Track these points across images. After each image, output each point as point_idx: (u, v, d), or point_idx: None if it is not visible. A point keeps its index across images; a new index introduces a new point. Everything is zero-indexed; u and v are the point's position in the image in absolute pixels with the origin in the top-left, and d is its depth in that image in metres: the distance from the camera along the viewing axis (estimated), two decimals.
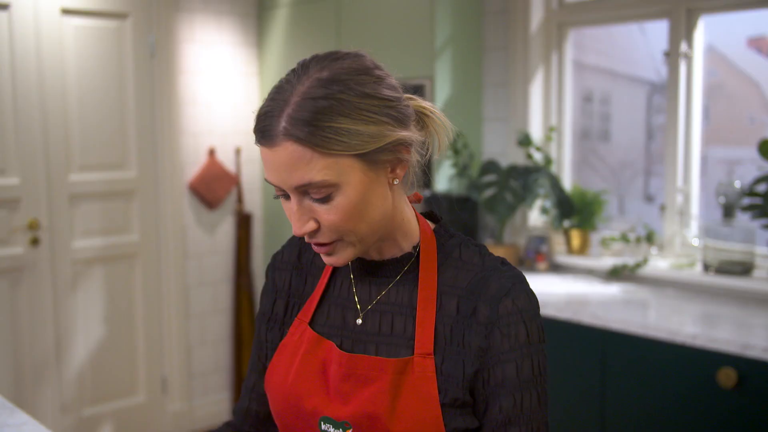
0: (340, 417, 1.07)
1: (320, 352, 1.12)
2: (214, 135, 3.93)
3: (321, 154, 0.97)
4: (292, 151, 0.97)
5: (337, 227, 1.02)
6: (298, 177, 0.98)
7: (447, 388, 1.05)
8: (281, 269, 1.24)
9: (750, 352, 2.15)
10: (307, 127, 0.96)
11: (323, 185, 0.98)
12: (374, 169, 1.01)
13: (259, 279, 4.18)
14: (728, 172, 3.58)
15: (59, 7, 3.38)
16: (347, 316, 1.14)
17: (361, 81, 1.00)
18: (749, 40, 3.78)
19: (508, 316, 1.05)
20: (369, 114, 0.99)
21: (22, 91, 3.30)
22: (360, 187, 1.00)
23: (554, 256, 3.27)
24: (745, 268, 2.74)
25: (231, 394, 4.09)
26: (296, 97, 0.98)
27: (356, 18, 3.48)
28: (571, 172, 3.46)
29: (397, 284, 1.12)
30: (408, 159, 1.05)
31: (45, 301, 3.43)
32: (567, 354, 2.57)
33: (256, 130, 1.02)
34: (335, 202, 1.00)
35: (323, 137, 0.96)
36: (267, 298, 1.25)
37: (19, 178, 3.33)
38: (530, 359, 1.06)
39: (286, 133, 0.97)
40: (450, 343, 1.07)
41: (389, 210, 1.07)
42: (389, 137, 1.00)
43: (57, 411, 3.49)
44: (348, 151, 0.97)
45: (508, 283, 1.07)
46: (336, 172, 0.98)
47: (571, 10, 3.29)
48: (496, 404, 1.05)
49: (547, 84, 3.37)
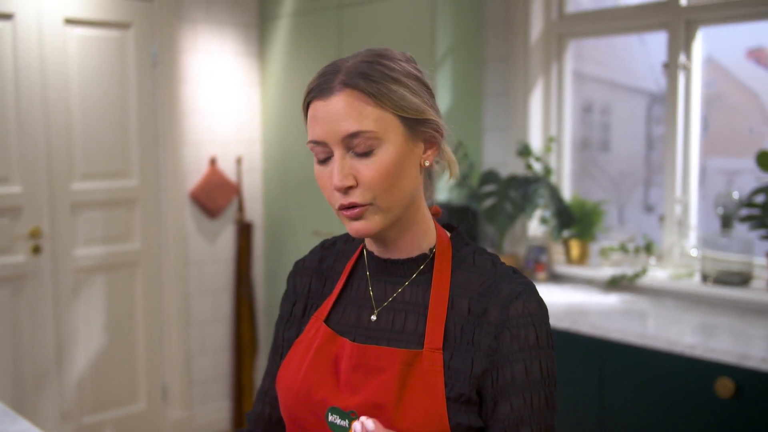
0: (348, 407, 1.09)
1: (333, 347, 1.15)
2: (216, 144, 3.95)
3: (374, 105, 1.05)
4: (349, 97, 1.05)
5: (374, 185, 1.07)
6: (350, 125, 1.05)
7: (453, 383, 1.07)
8: (302, 275, 1.28)
9: (748, 363, 2.16)
10: (364, 80, 1.06)
11: (371, 136, 1.06)
12: (412, 139, 1.10)
13: (260, 288, 4.19)
14: (727, 183, 3.59)
15: (62, 17, 3.40)
16: (362, 314, 1.18)
17: (407, 65, 1.12)
18: (748, 52, 3.79)
19: (518, 318, 1.08)
20: (414, 89, 1.09)
21: (25, 100, 3.33)
22: (399, 150, 1.08)
23: (553, 266, 3.28)
24: (744, 279, 2.75)
25: (231, 403, 4.10)
26: (352, 62, 1.09)
27: (358, 28, 3.50)
28: (571, 182, 3.47)
29: (411, 284, 1.16)
30: (440, 143, 1.13)
31: (46, 309, 3.44)
32: (566, 363, 2.57)
33: (312, 88, 1.10)
34: (377, 158, 1.06)
35: (378, 89, 1.06)
36: (287, 303, 1.29)
37: (22, 187, 3.35)
38: (539, 361, 1.08)
39: (344, 82, 1.06)
40: (460, 341, 1.09)
41: (416, 192, 1.13)
42: (429, 114, 1.10)
43: (57, 419, 3.49)
44: (396, 110, 1.07)
45: (519, 288, 1.10)
46: (383, 126, 1.06)
47: (571, 21, 3.31)
48: (507, 404, 1.07)
49: (547, 94, 3.39)
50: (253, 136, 4.10)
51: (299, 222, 3.92)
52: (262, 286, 4.20)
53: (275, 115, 4.01)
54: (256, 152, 4.12)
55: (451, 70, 3.28)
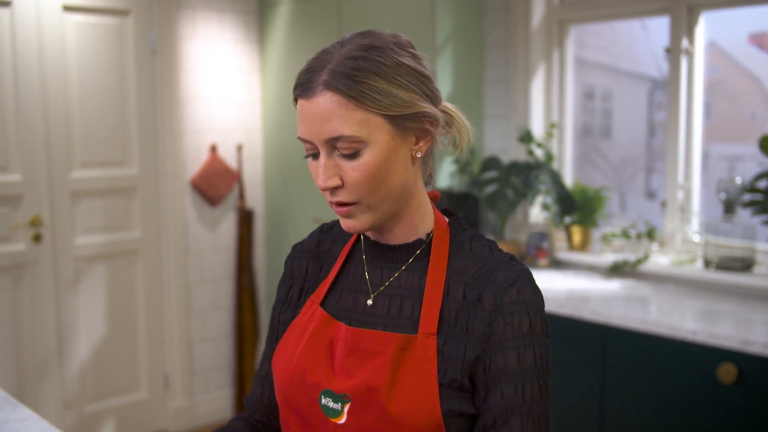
0: (341, 390, 1.09)
1: (329, 331, 1.15)
2: (216, 132, 3.94)
3: (356, 107, 1.03)
4: (329, 101, 1.03)
5: (360, 186, 1.06)
6: (332, 128, 1.04)
7: (446, 369, 1.07)
8: (299, 258, 1.28)
9: (750, 348, 2.15)
10: (346, 80, 1.03)
11: (353, 140, 1.04)
12: (401, 135, 1.07)
13: (261, 276, 4.19)
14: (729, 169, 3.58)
15: (61, 4, 3.38)
16: (358, 298, 1.17)
17: (398, 52, 1.08)
18: (751, 37, 3.77)
19: (512, 305, 1.07)
20: (402, 80, 1.06)
21: (24, 88, 3.31)
22: (386, 149, 1.06)
23: (555, 253, 3.27)
24: (746, 265, 2.75)
25: (233, 391, 4.10)
26: (338, 56, 1.05)
27: (357, 15, 3.49)
28: (573, 169, 3.46)
29: (407, 269, 1.15)
30: (433, 133, 1.11)
31: (47, 298, 3.44)
32: (567, 350, 2.57)
33: (297, 85, 1.08)
34: (362, 160, 1.05)
35: (360, 91, 1.03)
36: (283, 287, 1.28)
37: (21, 175, 3.34)
38: (532, 349, 1.07)
39: (326, 84, 1.04)
40: (454, 327, 1.09)
41: (409, 183, 1.12)
42: (418, 107, 1.07)
43: (59, 407, 3.50)
44: (380, 110, 1.04)
45: (514, 275, 1.10)
46: (366, 129, 1.04)
47: (572, 7, 3.29)
48: (498, 391, 1.06)
49: (548, 80, 3.37)
50: (253, 123, 4.09)
51: (300, 209, 3.91)
52: (263, 273, 4.20)
53: (275, 103, 4.00)
54: (256, 140, 4.10)
55: (451, 56, 3.27)
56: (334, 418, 1.10)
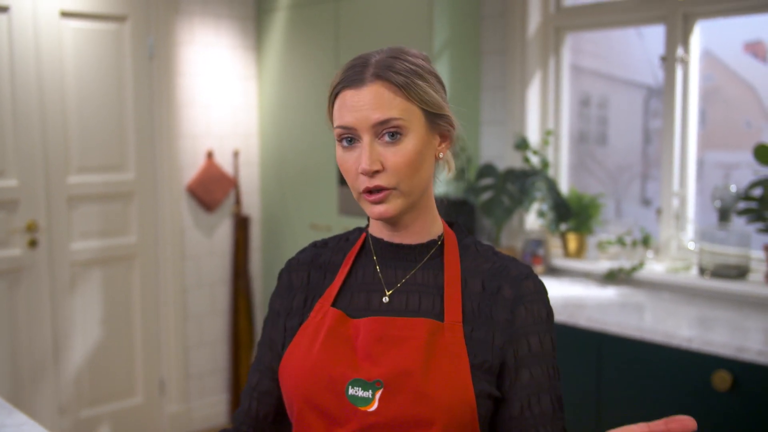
0: (372, 377, 1.12)
1: (344, 329, 1.18)
2: (213, 137, 3.94)
3: (402, 97, 1.14)
4: (380, 89, 1.13)
5: (400, 170, 1.14)
6: (381, 113, 1.13)
7: (476, 352, 1.14)
8: (297, 270, 1.30)
9: (745, 356, 2.16)
10: (394, 73, 1.14)
11: (398, 125, 1.13)
12: (431, 131, 1.18)
13: (257, 281, 4.19)
14: (724, 176, 3.59)
15: (58, 9, 3.39)
16: (372, 297, 1.22)
17: (429, 65, 1.20)
18: (746, 45, 3.79)
19: (531, 294, 1.18)
20: (435, 85, 1.19)
21: (21, 93, 3.31)
22: (422, 140, 1.16)
23: (551, 260, 3.28)
24: (741, 272, 2.76)
25: (228, 396, 4.10)
26: (379, 58, 1.16)
27: (355, 21, 3.50)
28: (568, 176, 3.47)
29: (423, 267, 1.22)
30: (453, 137, 1.22)
31: (43, 303, 3.43)
32: (563, 357, 2.57)
33: (343, 79, 1.17)
34: (402, 145, 1.14)
35: (406, 82, 1.14)
36: (282, 298, 1.29)
37: (18, 180, 3.34)
38: (549, 335, 1.18)
39: (377, 75, 1.14)
40: (478, 316, 1.17)
41: (429, 181, 1.21)
42: (446, 110, 1.19)
43: (55, 412, 3.49)
44: (420, 104, 1.15)
45: (525, 270, 1.21)
46: (409, 117, 1.14)
47: (568, 15, 3.30)
48: (527, 372, 1.16)
49: (544, 88, 3.38)
50: (250, 129, 4.09)
51: (296, 215, 3.92)
52: (259, 279, 4.20)
53: (272, 108, 4.01)
54: (253, 145, 4.11)
55: (448, 63, 3.28)
56: (364, 406, 1.12)
